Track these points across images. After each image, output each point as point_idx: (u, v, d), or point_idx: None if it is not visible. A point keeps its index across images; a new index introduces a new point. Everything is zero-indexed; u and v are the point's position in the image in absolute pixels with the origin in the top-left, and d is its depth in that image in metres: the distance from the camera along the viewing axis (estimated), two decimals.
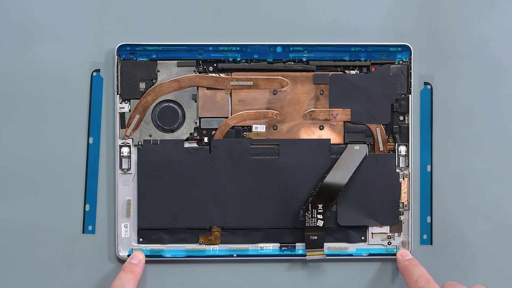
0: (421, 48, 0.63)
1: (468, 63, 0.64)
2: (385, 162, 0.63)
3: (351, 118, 0.63)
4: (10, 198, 0.62)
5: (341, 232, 0.64)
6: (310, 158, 0.63)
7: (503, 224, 0.64)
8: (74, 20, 0.62)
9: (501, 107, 0.64)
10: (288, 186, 0.63)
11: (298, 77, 0.63)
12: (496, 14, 0.64)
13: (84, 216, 0.62)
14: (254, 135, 0.63)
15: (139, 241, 0.62)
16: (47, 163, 0.62)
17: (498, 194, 0.64)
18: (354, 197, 0.63)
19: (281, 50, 0.63)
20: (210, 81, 0.63)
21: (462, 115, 0.64)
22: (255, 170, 0.62)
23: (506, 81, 0.64)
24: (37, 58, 0.62)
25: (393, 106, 0.63)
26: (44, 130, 0.62)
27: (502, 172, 0.64)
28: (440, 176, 0.64)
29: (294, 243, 0.63)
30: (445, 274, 0.64)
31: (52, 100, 0.62)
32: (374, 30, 0.63)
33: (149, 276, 0.63)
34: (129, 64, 0.62)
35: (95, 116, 0.62)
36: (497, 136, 0.64)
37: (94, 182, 0.62)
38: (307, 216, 0.62)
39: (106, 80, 0.62)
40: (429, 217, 0.64)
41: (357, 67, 0.63)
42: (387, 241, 0.64)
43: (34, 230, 0.62)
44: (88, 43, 0.62)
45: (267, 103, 0.63)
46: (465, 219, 0.64)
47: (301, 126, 0.63)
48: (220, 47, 0.62)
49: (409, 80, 0.63)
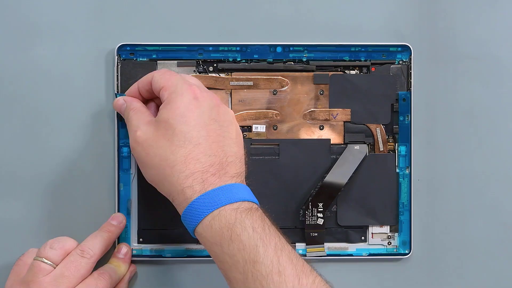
0: (421, 48, 0.63)
1: (468, 63, 0.64)
2: (385, 162, 0.63)
3: (351, 118, 0.63)
4: (10, 198, 0.62)
5: (341, 232, 0.64)
6: (310, 158, 0.63)
7: (503, 224, 0.64)
8: (74, 20, 0.62)
9: (501, 107, 0.64)
10: (288, 186, 0.63)
11: (298, 77, 0.63)
12: (496, 14, 0.64)
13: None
14: (254, 135, 0.63)
15: (139, 241, 0.62)
16: (46, 163, 0.62)
17: (498, 194, 0.64)
18: (354, 197, 0.63)
19: (281, 50, 0.63)
20: (210, 81, 0.63)
21: (462, 115, 0.64)
22: (255, 170, 0.62)
23: (506, 81, 0.64)
24: (37, 58, 0.62)
25: (393, 106, 0.63)
26: (43, 130, 0.62)
27: (502, 172, 0.64)
28: (440, 176, 0.64)
29: (294, 243, 0.63)
30: (445, 275, 0.64)
31: (52, 100, 0.62)
32: (374, 30, 0.63)
33: (149, 276, 0.63)
34: (129, 64, 0.62)
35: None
36: (497, 136, 0.64)
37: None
38: (307, 215, 0.62)
39: (106, 80, 0.62)
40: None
41: (357, 67, 0.63)
42: (387, 241, 0.64)
43: (34, 230, 0.62)
44: (88, 43, 0.62)
45: (267, 103, 0.63)
46: (465, 219, 0.64)
47: (301, 126, 0.63)
48: (220, 47, 0.62)
49: (409, 80, 0.63)
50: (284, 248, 0.51)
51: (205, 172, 0.52)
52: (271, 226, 0.52)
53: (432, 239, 0.64)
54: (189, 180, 0.52)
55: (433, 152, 0.64)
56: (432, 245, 0.64)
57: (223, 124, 0.55)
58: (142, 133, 0.54)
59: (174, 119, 0.53)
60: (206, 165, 0.52)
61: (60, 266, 0.55)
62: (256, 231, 0.51)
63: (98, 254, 0.57)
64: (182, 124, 0.53)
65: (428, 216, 0.64)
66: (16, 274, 0.56)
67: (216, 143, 0.53)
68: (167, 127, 0.53)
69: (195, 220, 0.52)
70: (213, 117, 0.54)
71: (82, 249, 0.56)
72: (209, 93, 0.56)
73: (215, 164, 0.53)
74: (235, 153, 0.55)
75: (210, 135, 0.53)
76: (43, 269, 0.55)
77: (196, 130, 0.53)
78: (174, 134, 0.53)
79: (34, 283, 0.54)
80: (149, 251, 0.63)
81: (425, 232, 0.64)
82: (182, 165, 0.52)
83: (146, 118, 0.56)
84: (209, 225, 0.51)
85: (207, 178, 0.52)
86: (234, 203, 0.51)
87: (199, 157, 0.52)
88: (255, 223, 0.51)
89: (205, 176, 0.52)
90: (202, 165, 0.52)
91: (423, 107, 0.64)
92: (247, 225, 0.51)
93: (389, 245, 0.64)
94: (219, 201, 0.51)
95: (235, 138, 0.56)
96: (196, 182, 0.52)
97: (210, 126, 0.54)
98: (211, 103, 0.55)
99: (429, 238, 0.64)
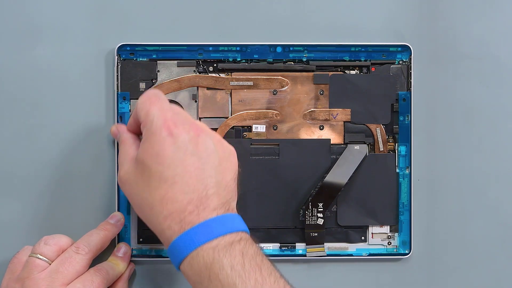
0: (421, 48, 0.63)
1: (468, 63, 0.64)
2: (385, 162, 0.63)
3: (351, 118, 0.63)
4: (9, 198, 0.62)
5: (341, 232, 0.64)
6: (310, 158, 0.63)
7: (503, 224, 0.64)
8: (74, 20, 0.62)
9: (501, 107, 0.64)
10: (288, 186, 0.63)
11: (298, 77, 0.63)
12: (496, 14, 0.64)
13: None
14: (254, 135, 0.63)
15: (139, 241, 0.62)
16: (46, 163, 0.62)
17: (498, 194, 0.64)
18: (354, 197, 0.63)
19: (281, 50, 0.63)
20: (210, 81, 0.63)
21: (462, 115, 0.64)
22: (255, 170, 0.62)
23: (506, 81, 0.64)
24: (37, 58, 0.62)
25: (393, 106, 0.63)
26: (43, 130, 0.62)
27: (502, 172, 0.64)
28: (440, 176, 0.64)
29: (294, 243, 0.63)
30: (445, 275, 0.64)
31: (52, 100, 0.62)
32: (374, 30, 0.64)
33: (149, 276, 0.63)
34: (129, 64, 0.62)
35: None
36: (497, 136, 0.64)
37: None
38: (307, 215, 0.62)
39: (106, 80, 0.63)
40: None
41: (357, 67, 0.63)
42: (387, 241, 0.64)
43: (34, 230, 0.62)
44: (88, 43, 0.62)
45: (267, 103, 0.63)
46: (465, 219, 0.64)
47: (301, 126, 0.63)
48: (220, 47, 0.62)
49: (409, 80, 0.63)
50: (265, 282, 0.50)
51: (182, 212, 0.51)
52: (253, 259, 0.51)
53: (432, 239, 0.64)
54: (168, 221, 0.51)
55: (433, 152, 0.64)
56: (432, 245, 0.64)
57: (202, 156, 0.53)
58: (124, 172, 0.54)
59: (150, 159, 0.52)
60: (184, 203, 0.51)
61: (55, 262, 0.55)
62: (234, 269, 0.50)
63: (93, 251, 0.57)
64: (157, 164, 0.52)
65: (428, 216, 0.64)
66: (12, 272, 0.56)
67: (195, 178, 0.52)
68: (144, 167, 0.52)
69: (177, 259, 0.51)
70: (190, 150, 0.52)
71: (77, 246, 0.56)
72: (186, 124, 0.54)
73: (194, 201, 0.51)
74: (217, 182, 0.53)
75: (187, 170, 0.52)
76: (38, 265, 0.55)
77: (171, 168, 0.52)
78: (151, 175, 0.52)
79: (30, 279, 0.54)
80: (149, 251, 0.63)
81: (425, 232, 0.64)
82: (159, 206, 0.52)
83: (131, 153, 0.55)
84: (189, 264, 0.51)
85: (185, 217, 0.51)
86: (213, 241, 0.50)
87: (176, 196, 0.51)
88: (234, 260, 0.50)
89: (183, 216, 0.51)
90: (180, 205, 0.51)
91: (423, 107, 0.64)
92: (225, 264, 0.50)
93: (389, 245, 0.64)
94: (197, 241, 0.50)
95: (218, 165, 0.54)
96: (174, 222, 0.51)
97: (187, 161, 0.52)
98: (188, 136, 0.53)
99: (429, 238, 0.64)
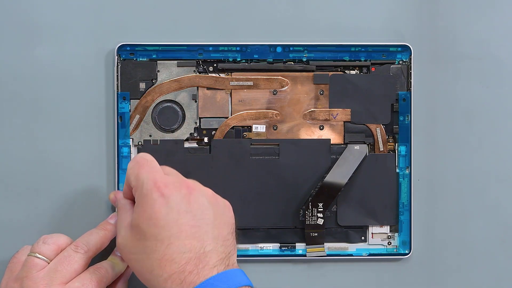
0: (421, 48, 0.63)
1: (468, 63, 0.64)
2: (385, 162, 0.63)
3: (351, 118, 0.63)
4: (9, 198, 0.62)
5: (341, 232, 0.64)
6: (310, 158, 0.63)
7: (503, 224, 0.64)
8: (74, 20, 0.62)
9: (501, 107, 0.64)
10: (288, 186, 0.63)
11: (298, 77, 0.63)
12: (496, 14, 0.64)
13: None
14: (254, 135, 0.63)
15: None
16: (46, 162, 0.62)
17: (498, 194, 0.64)
18: (354, 197, 0.63)
19: (281, 50, 0.63)
20: (210, 81, 0.63)
21: (462, 115, 0.64)
22: (255, 170, 0.62)
23: (506, 81, 0.64)
24: (37, 58, 0.62)
25: (393, 106, 0.63)
26: (43, 130, 0.62)
27: (502, 172, 0.64)
28: (440, 176, 0.64)
29: (294, 243, 0.63)
30: (445, 275, 0.64)
31: (52, 100, 0.62)
32: (374, 30, 0.63)
33: None
34: (129, 64, 0.62)
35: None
36: (497, 136, 0.64)
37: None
38: (307, 215, 0.62)
39: (106, 80, 0.62)
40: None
41: (357, 67, 0.63)
42: (387, 241, 0.64)
43: (34, 230, 0.62)
44: (88, 43, 0.62)
45: (267, 103, 0.63)
46: (465, 219, 0.64)
47: (301, 126, 0.63)
48: (220, 47, 0.62)
49: (409, 80, 0.63)
50: None
51: (182, 272, 0.51)
52: None
53: (432, 239, 0.64)
54: (168, 283, 0.51)
55: (433, 152, 0.64)
56: (432, 245, 0.64)
57: (196, 213, 0.53)
58: (122, 239, 0.54)
59: (144, 223, 0.52)
60: (182, 263, 0.51)
61: (53, 261, 0.55)
62: None
63: (92, 250, 0.57)
64: (151, 227, 0.52)
65: (428, 216, 0.64)
66: (11, 271, 0.56)
67: (191, 236, 0.52)
68: (139, 231, 0.52)
69: None
70: (183, 209, 0.52)
71: (76, 245, 0.56)
72: (176, 183, 0.54)
73: (192, 260, 0.51)
74: (214, 238, 0.53)
75: (183, 230, 0.52)
76: (37, 264, 0.55)
77: (166, 230, 0.52)
78: (146, 238, 0.52)
79: (28, 278, 0.54)
80: None
81: (425, 232, 0.64)
82: (158, 269, 0.51)
83: (127, 219, 0.55)
84: None
85: (185, 278, 0.51)
86: None
87: (174, 257, 0.51)
88: None
89: (183, 277, 0.51)
90: (178, 265, 0.51)
91: (423, 107, 0.64)
92: None
93: (389, 245, 0.64)
94: None
95: (214, 221, 0.53)
96: (175, 284, 0.51)
97: (181, 220, 0.52)
98: (180, 195, 0.53)
99: (429, 238, 0.64)
